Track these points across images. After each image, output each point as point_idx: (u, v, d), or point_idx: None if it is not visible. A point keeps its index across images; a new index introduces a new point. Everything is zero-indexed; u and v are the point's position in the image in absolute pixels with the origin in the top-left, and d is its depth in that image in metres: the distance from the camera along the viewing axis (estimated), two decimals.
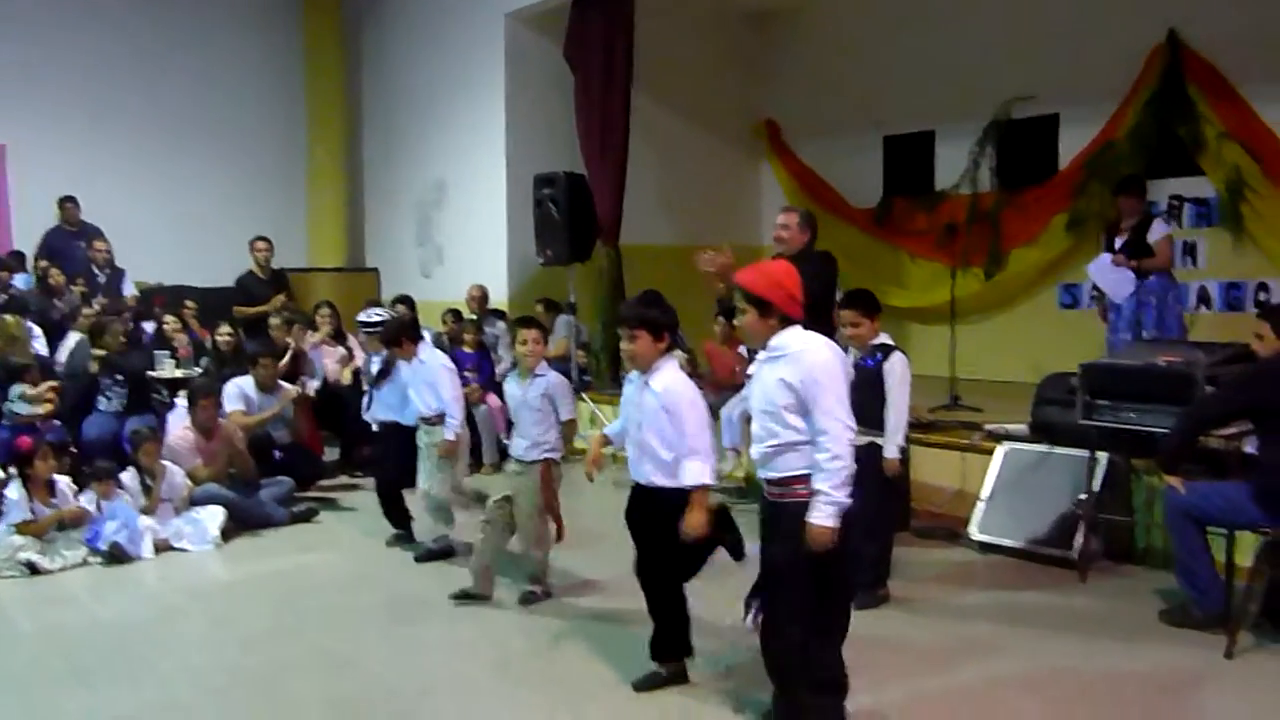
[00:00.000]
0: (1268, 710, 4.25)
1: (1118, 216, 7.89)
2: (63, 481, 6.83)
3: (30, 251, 10.74)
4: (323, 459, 8.89)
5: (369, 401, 7.19)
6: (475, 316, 10.22)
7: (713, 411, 5.19)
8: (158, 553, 6.68)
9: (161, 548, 6.73)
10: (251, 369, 8.12)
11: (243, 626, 5.45)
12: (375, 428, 7.18)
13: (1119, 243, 7.71)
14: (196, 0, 12.72)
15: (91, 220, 10.91)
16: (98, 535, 6.56)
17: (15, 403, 7.80)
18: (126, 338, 8.78)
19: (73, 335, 9.04)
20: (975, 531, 6.56)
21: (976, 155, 10.63)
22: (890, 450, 5.24)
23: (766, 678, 3.92)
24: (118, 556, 6.48)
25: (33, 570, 6.29)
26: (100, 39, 12.05)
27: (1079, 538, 5.98)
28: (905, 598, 5.49)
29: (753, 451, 3.93)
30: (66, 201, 10.86)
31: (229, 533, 7.03)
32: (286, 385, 8.31)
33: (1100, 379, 5.89)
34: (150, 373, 8.66)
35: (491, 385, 9.24)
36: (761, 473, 3.86)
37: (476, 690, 4.59)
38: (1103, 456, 6.09)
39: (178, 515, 6.99)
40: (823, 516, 3.59)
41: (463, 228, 11.97)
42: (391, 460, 6.92)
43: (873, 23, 11.50)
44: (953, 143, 10.88)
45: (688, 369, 5.51)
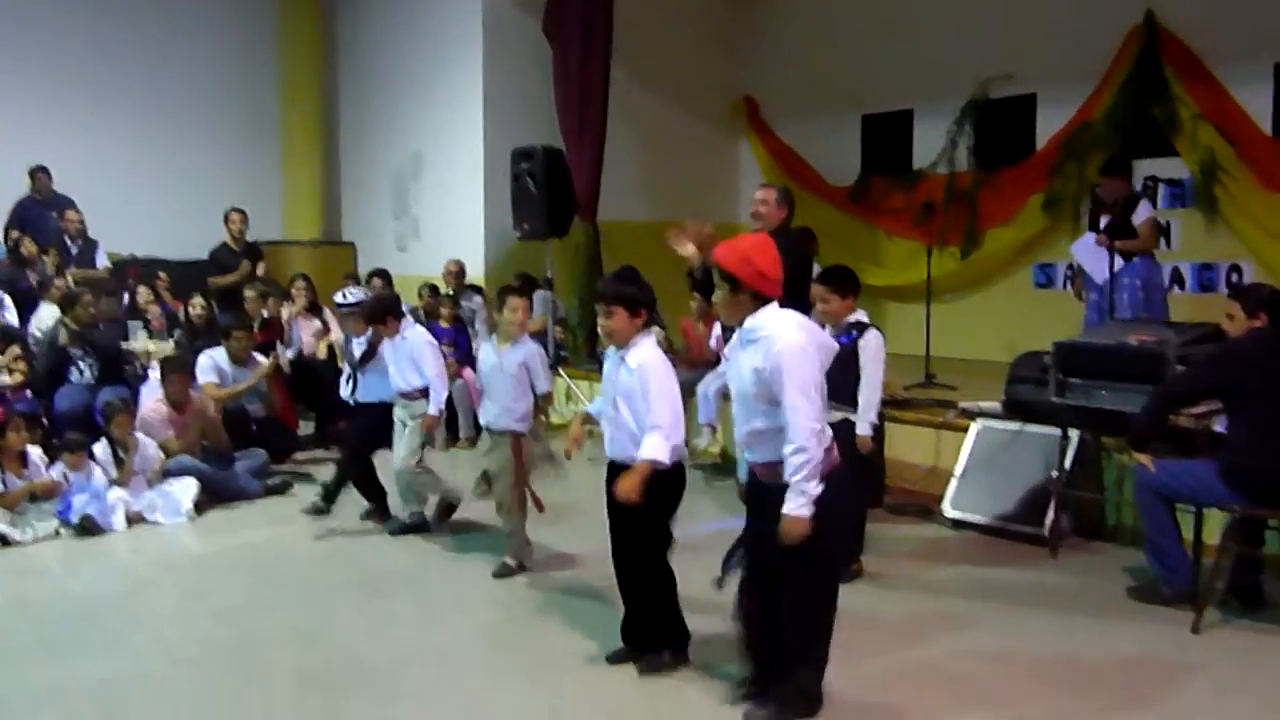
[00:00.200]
0: (1233, 684, 4.31)
1: (1104, 197, 7.88)
2: (34, 453, 6.79)
3: (0, 222, 10.62)
4: (297, 433, 8.85)
5: (351, 383, 6.92)
6: (452, 291, 10.18)
7: (688, 388, 5.19)
8: (130, 525, 6.64)
9: (134, 520, 6.69)
10: (225, 341, 8.07)
11: (215, 599, 5.44)
12: (351, 404, 7.04)
13: (1104, 223, 7.67)
14: None
15: (63, 191, 10.78)
16: (69, 507, 6.52)
17: None
18: (100, 314, 8.66)
19: (45, 306, 8.95)
20: (948, 508, 6.61)
21: (954, 134, 10.66)
22: (863, 427, 5.25)
23: (737, 650, 3.94)
24: (89, 529, 6.45)
25: (3, 542, 6.26)
26: (68, 8, 11.88)
27: (1050, 515, 6.04)
28: (878, 573, 5.52)
29: (736, 434, 3.94)
30: (38, 172, 10.71)
31: (202, 505, 6.99)
32: (260, 358, 8.26)
33: (1073, 358, 5.92)
34: (123, 344, 8.59)
35: (468, 360, 9.20)
36: (748, 454, 3.88)
37: (449, 662, 4.60)
38: (1074, 434, 6.14)
39: (150, 488, 6.96)
40: (794, 507, 3.60)
41: (439, 201, 11.92)
42: (368, 436, 6.72)
43: (852, 1, 11.48)
44: (931, 122, 10.89)
45: (664, 346, 5.49)
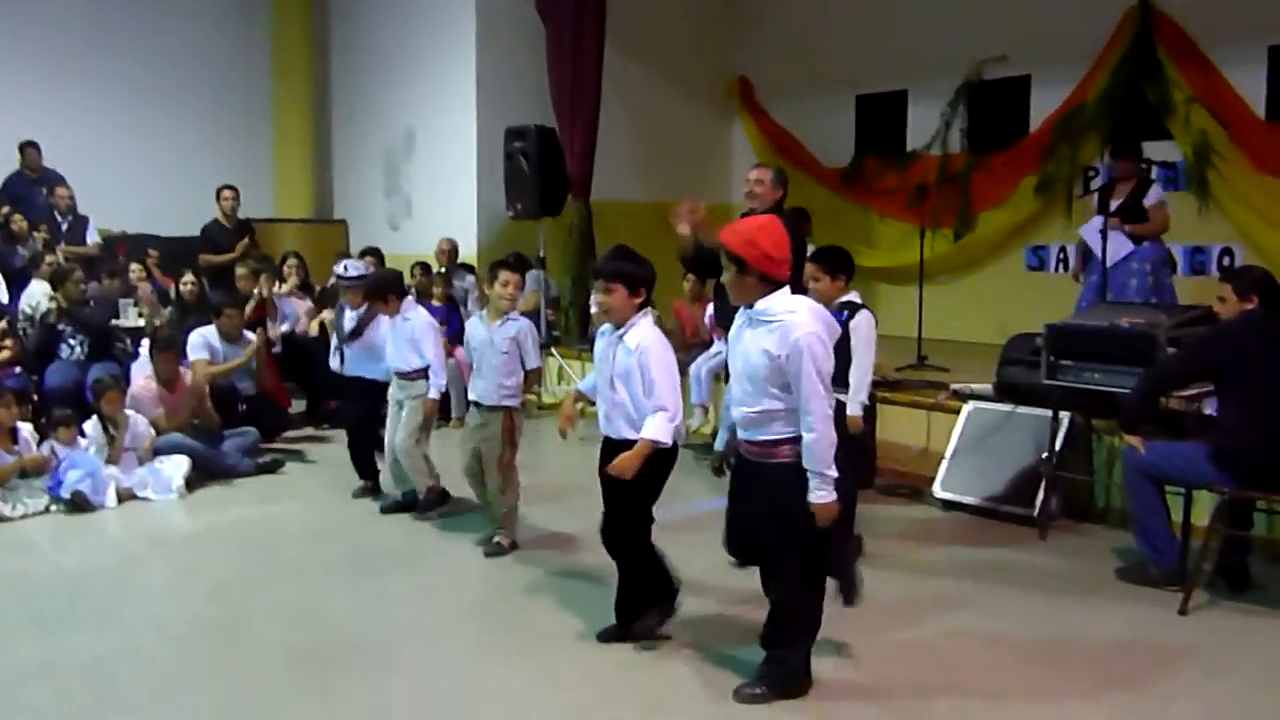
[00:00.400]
0: (1220, 665, 4.34)
1: (1112, 179, 7.80)
2: (25, 429, 6.77)
3: None
4: (288, 411, 8.83)
5: (339, 356, 6.93)
6: (444, 270, 10.16)
7: (681, 369, 5.18)
8: (121, 502, 6.63)
9: (125, 497, 6.68)
10: (216, 319, 8.04)
11: (206, 576, 5.44)
12: (341, 376, 7.00)
13: (1114, 205, 7.55)
14: None
15: (54, 167, 10.72)
16: (60, 483, 6.50)
17: None
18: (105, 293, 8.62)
19: (35, 283, 8.91)
20: (939, 489, 6.63)
21: (948, 116, 10.64)
22: (854, 408, 5.24)
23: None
24: (80, 505, 6.44)
25: None
26: None
27: (1040, 496, 6.06)
28: (869, 554, 5.51)
29: (734, 413, 3.92)
30: (28, 147, 10.64)
31: (193, 483, 6.98)
32: (251, 335, 8.24)
33: (1064, 340, 5.92)
34: (114, 321, 8.56)
35: (460, 340, 9.17)
36: (743, 434, 3.86)
37: (440, 639, 4.60)
38: (1065, 416, 6.16)
39: (141, 465, 6.94)
40: (822, 494, 3.65)
41: (432, 179, 11.87)
42: (364, 411, 6.84)
43: None
44: (925, 103, 10.87)
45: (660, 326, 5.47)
